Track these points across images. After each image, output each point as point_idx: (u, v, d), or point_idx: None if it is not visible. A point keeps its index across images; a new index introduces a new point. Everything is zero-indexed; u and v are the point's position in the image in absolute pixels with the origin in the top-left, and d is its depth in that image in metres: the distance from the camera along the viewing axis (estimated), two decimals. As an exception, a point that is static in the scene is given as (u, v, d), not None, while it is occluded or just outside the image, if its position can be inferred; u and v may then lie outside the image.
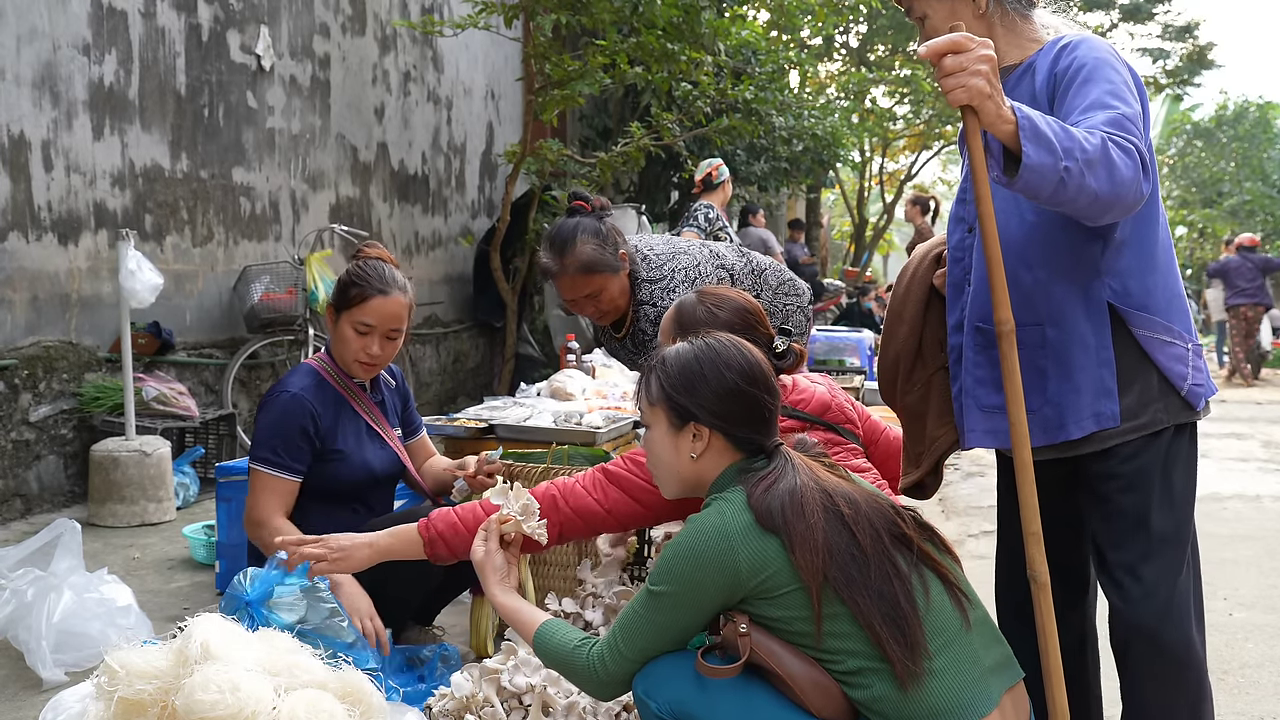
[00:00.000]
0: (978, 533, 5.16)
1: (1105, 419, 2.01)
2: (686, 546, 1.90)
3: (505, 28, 8.21)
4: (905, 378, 2.24)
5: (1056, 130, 1.76)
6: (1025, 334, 2.01)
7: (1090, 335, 2.01)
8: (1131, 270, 2.02)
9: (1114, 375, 2.01)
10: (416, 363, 7.84)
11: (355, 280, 2.97)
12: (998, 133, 1.77)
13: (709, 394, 2.02)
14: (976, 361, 2.12)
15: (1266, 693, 3.23)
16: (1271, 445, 8.20)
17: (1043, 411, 2.04)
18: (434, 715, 2.59)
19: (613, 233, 3.33)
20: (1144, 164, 1.83)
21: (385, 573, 2.86)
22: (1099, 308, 2.01)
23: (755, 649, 1.88)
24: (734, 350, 2.06)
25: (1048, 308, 2.04)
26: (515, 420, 4.01)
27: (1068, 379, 2.02)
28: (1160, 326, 2.03)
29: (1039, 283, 2.04)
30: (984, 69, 1.73)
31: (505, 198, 8.06)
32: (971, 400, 2.13)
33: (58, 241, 5.09)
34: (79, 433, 5.19)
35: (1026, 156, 1.73)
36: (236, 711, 1.91)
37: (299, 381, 2.96)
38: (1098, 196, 1.79)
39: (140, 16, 5.57)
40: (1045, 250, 2.03)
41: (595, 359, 5.47)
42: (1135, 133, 1.85)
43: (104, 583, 3.18)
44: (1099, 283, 2.01)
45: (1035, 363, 2.04)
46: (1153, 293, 2.03)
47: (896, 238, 24.61)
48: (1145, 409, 2.02)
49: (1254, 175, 24.76)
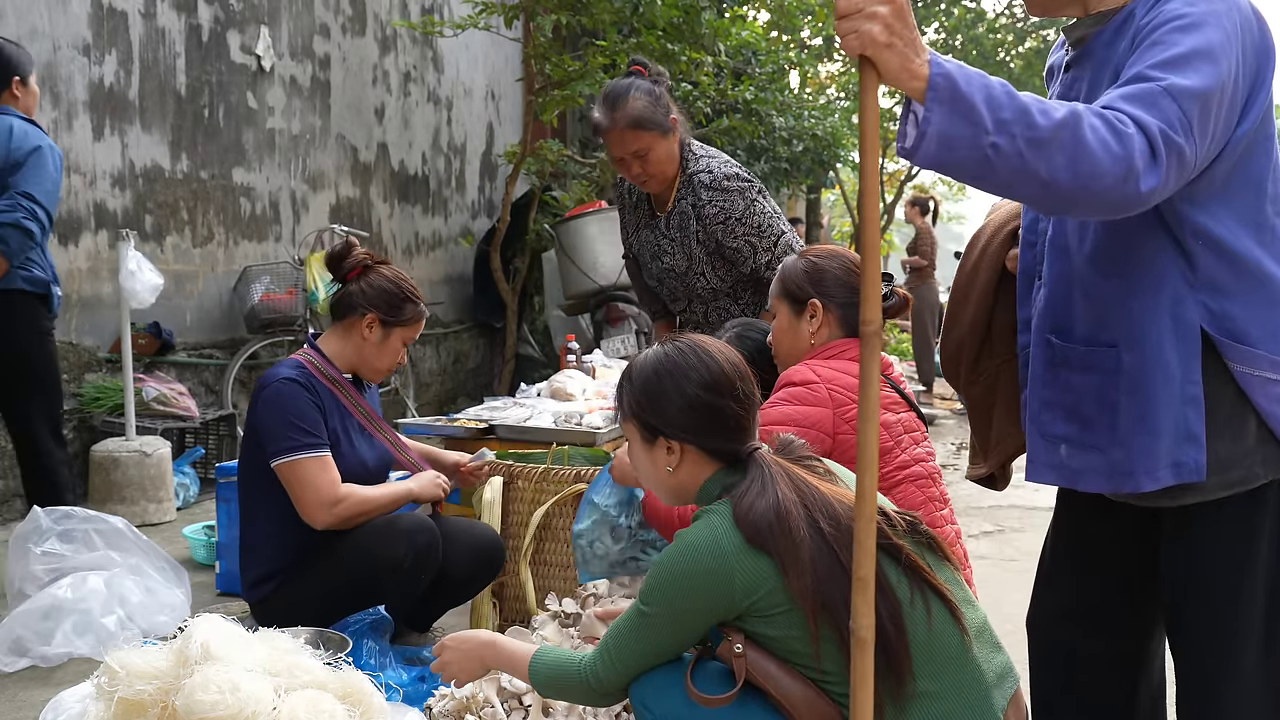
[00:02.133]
0: (978, 533, 5.16)
1: (1187, 470, 1.64)
2: (679, 568, 1.82)
3: (505, 28, 8.22)
4: (970, 366, 1.97)
5: (994, 95, 1.44)
6: (1097, 357, 1.70)
7: (1176, 365, 1.64)
8: (1234, 289, 1.64)
9: (1202, 417, 1.64)
10: (417, 363, 7.84)
11: (411, 297, 3.08)
12: (906, 90, 1.47)
13: (671, 409, 1.95)
14: (1045, 380, 1.78)
15: (1267, 693, 3.23)
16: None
17: (1111, 453, 1.69)
18: (434, 715, 2.59)
19: (666, 97, 3.42)
20: (1153, 151, 1.47)
21: (374, 579, 2.88)
22: (1189, 331, 1.64)
23: (751, 670, 1.80)
24: (697, 359, 1.96)
25: (1125, 326, 1.67)
26: (515, 420, 4.01)
27: (1144, 417, 1.65)
28: (1265, 361, 1.65)
29: (1115, 295, 1.68)
30: (882, 11, 1.43)
31: (505, 198, 8.07)
32: (1035, 427, 1.80)
33: (58, 242, 5.09)
34: (79, 433, 5.19)
35: (927, 122, 1.44)
36: (236, 712, 1.91)
37: (290, 372, 2.97)
38: (1050, 185, 1.47)
39: (140, 17, 5.57)
40: (1121, 254, 1.68)
41: (595, 359, 5.47)
42: (1166, 112, 1.48)
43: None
44: (1190, 301, 1.64)
45: (1106, 394, 1.69)
46: (1257, 318, 1.66)
47: (897, 238, 24.61)
48: (1239, 462, 1.65)
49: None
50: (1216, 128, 1.55)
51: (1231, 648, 1.68)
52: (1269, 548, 1.69)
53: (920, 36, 1.47)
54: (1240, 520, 1.68)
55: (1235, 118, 1.59)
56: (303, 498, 2.85)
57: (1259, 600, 1.68)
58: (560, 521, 3.31)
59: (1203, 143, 1.52)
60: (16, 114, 3.75)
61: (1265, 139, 1.65)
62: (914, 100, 1.47)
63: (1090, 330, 1.69)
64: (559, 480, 3.31)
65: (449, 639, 2.17)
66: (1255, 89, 1.60)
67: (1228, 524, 1.68)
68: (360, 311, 3.00)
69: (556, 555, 3.32)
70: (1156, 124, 1.47)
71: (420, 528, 2.90)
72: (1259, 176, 1.65)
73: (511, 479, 3.37)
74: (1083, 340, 1.71)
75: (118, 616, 3.17)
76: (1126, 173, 1.46)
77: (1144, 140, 1.46)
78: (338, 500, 2.86)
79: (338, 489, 2.87)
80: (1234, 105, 1.57)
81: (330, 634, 2.62)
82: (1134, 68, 1.55)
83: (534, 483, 3.34)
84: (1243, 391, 1.64)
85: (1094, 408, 1.69)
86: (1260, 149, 1.65)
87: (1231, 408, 1.65)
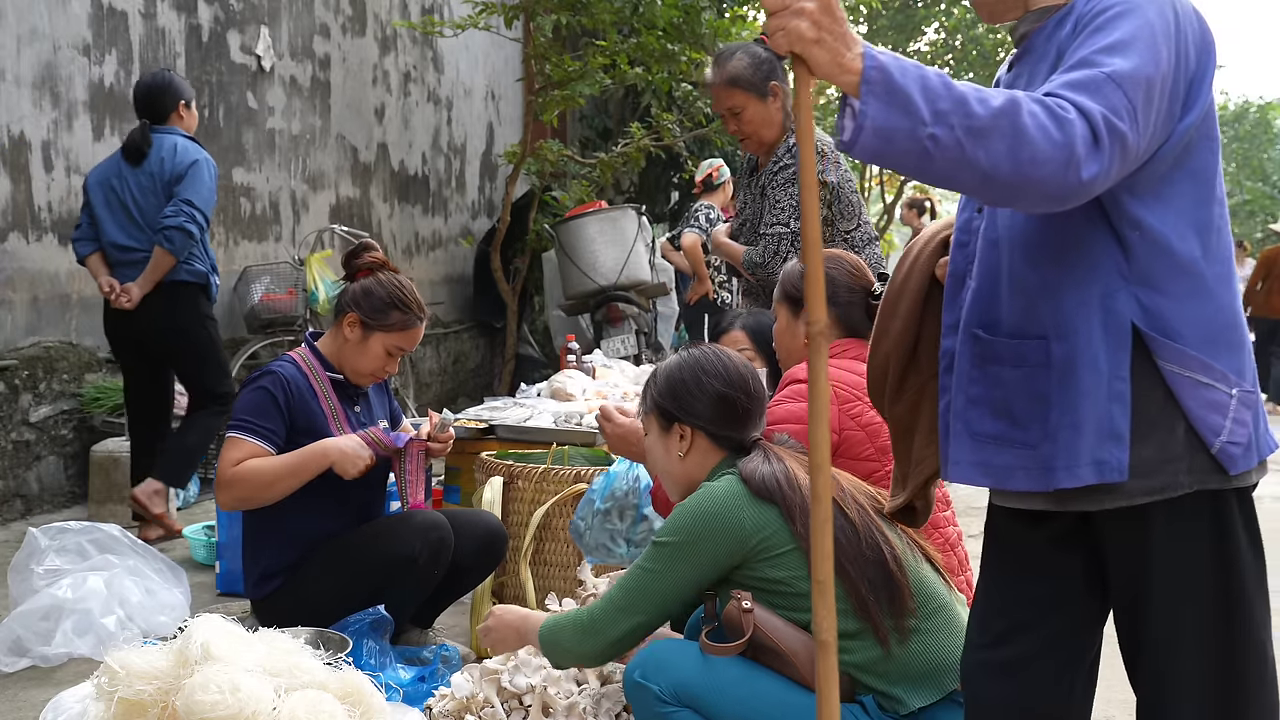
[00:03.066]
0: (977, 533, 5.14)
1: (1108, 469, 1.56)
2: (695, 504, 2.09)
3: (505, 28, 8.22)
4: (895, 384, 1.87)
5: (930, 85, 1.41)
6: (1026, 349, 1.63)
7: (1104, 359, 1.57)
8: (1170, 284, 1.58)
9: (1127, 415, 1.56)
10: (417, 363, 7.84)
11: (398, 304, 2.99)
12: (841, 84, 1.44)
13: (689, 397, 2.22)
14: (973, 377, 1.70)
15: (1267, 693, 3.23)
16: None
17: (1041, 449, 1.62)
18: (434, 716, 2.59)
19: (772, 63, 3.54)
20: (1095, 138, 1.42)
21: (385, 575, 2.88)
22: (1119, 325, 1.57)
23: (758, 626, 1.98)
24: (714, 359, 2.25)
25: (1055, 318, 1.61)
26: (515, 421, 4.01)
27: (1070, 410, 1.59)
28: (1196, 362, 1.57)
29: (1047, 285, 1.62)
30: (809, 7, 1.41)
31: (505, 198, 8.07)
32: (962, 424, 1.72)
33: (58, 242, 5.09)
34: (79, 433, 5.19)
35: (864, 116, 1.40)
36: (237, 712, 1.91)
37: (273, 366, 3.00)
38: (990, 176, 1.42)
39: (140, 17, 5.57)
40: (1055, 243, 1.61)
41: (595, 359, 5.47)
42: (1109, 98, 1.44)
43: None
44: (1122, 294, 1.58)
45: (1036, 386, 1.62)
46: (1193, 316, 1.58)
47: (897, 238, 24.59)
48: (1164, 467, 1.57)
49: (1254, 175, 24.80)
50: (1159, 117, 1.51)
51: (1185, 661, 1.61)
52: (1219, 556, 1.60)
53: (851, 29, 1.45)
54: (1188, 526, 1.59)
55: (1178, 109, 1.55)
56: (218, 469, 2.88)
57: (1213, 611, 1.60)
58: (560, 521, 3.31)
59: (1145, 130, 1.48)
60: (180, 133, 4.46)
61: (1209, 138, 1.61)
62: (850, 94, 1.44)
63: (1019, 323, 1.63)
64: (559, 480, 3.31)
65: (497, 609, 2.39)
66: (1197, 81, 1.57)
67: (1174, 529, 1.60)
68: (345, 309, 3.03)
69: (556, 555, 3.32)
70: (1099, 110, 1.43)
71: (433, 524, 2.90)
72: (1205, 174, 1.60)
73: (511, 479, 3.37)
74: (1011, 333, 1.65)
75: (118, 617, 3.17)
76: (1068, 160, 1.41)
77: (1086, 126, 1.42)
78: (228, 481, 2.81)
79: (230, 468, 2.81)
80: (1176, 95, 1.54)
81: (330, 634, 2.62)
82: (1077, 53, 1.52)
83: (534, 483, 3.34)
84: (1172, 393, 1.57)
85: (1024, 403, 1.63)
86: (1204, 146, 1.60)
87: (1159, 409, 1.57)
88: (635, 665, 2.06)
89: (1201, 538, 1.59)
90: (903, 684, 2.02)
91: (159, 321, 4.35)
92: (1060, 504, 1.64)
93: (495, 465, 3.43)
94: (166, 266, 4.30)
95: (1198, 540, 1.59)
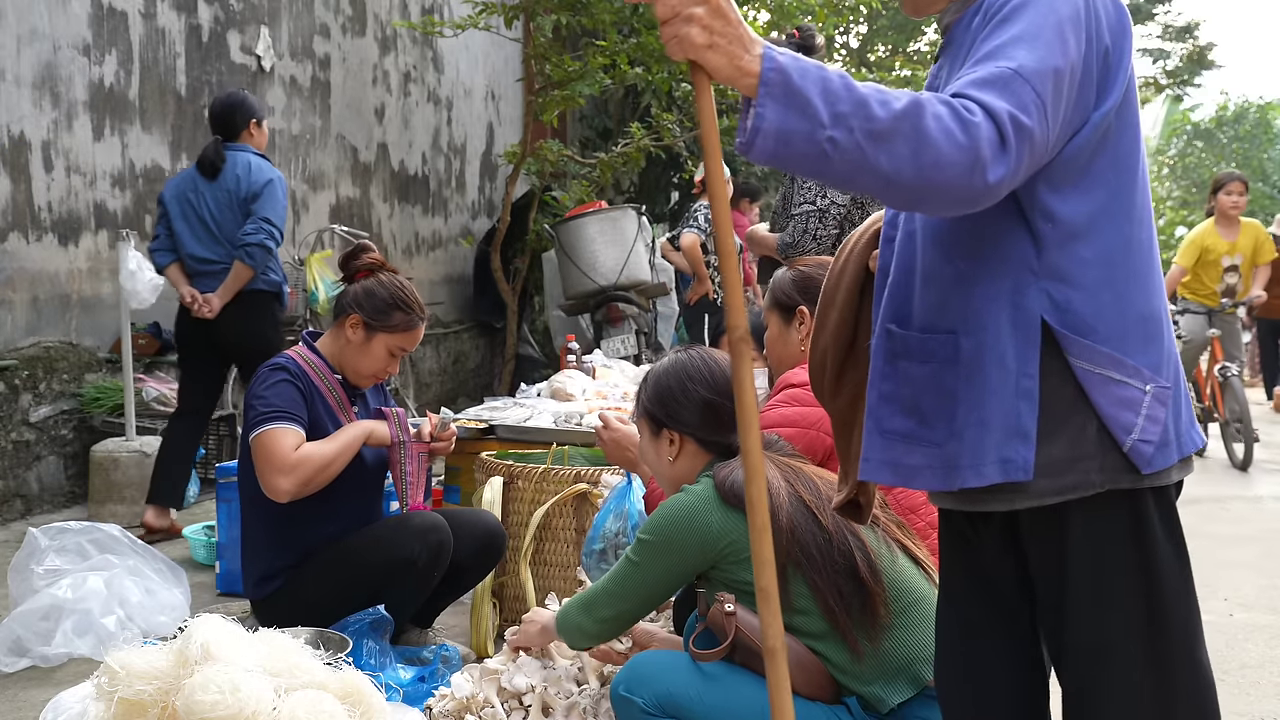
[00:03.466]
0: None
1: (1014, 468, 1.51)
2: (671, 506, 2.18)
3: (505, 28, 8.22)
4: (834, 379, 1.83)
5: (831, 87, 1.36)
6: (936, 344, 1.58)
7: (1011, 354, 1.52)
8: (1082, 278, 1.52)
9: (1035, 412, 1.51)
10: (417, 363, 7.84)
11: (401, 305, 3.01)
12: (740, 87, 1.40)
13: (675, 404, 2.30)
14: (885, 373, 1.65)
15: (1267, 693, 3.23)
16: (1272, 446, 8.20)
17: (948, 446, 1.57)
18: (434, 716, 2.59)
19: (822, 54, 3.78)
20: (1002, 140, 1.37)
21: (385, 577, 2.88)
22: (1028, 321, 1.52)
23: (740, 629, 2.04)
24: (700, 365, 2.32)
25: (964, 312, 1.56)
26: (516, 421, 4.01)
27: (977, 407, 1.54)
28: (1107, 358, 1.51)
29: (959, 278, 1.57)
30: (697, 12, 1.37)
31: (505, 198, 8.07)
32: (873, 421, 1.67)
33: (58, 242, 5.09)
34: (79, 433, 5.19)
35: (761, 118, 1.36)
36: (237, 712, 1.91)
37: (276, 359, 3.01)
38: (892, 180, 1.37)
39: (140, 17, 5.57)
40: (966, 236, 1.56)
41: (595, 359, 5.47)
42: (1018, 94, 1.39)
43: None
44: (1033, 287, 1.52)
45: (944, 382, 1.57)
46: (1105, 311, 1.52)
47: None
48: (1074, 466, 1.52)
49: (1254, 176, 24.77)
50: (1069, 108, 1.46)
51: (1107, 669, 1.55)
52: (1137, 559, 1.54)
53: (748, 31, 1.40)
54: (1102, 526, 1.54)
55: (1092, 96, 1.50)
56: (262, 470, 2.83)
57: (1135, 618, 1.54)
58: (560, 521, 3.31)
59: (1055, 123, 1.43)
60: (253, 151, 4.68)
61: (1129, 125, 1.55)
62: (750, 97, 1.39)
63: (929, 317, 1.58)
64: (559, 480, 3.31)
65: (532, 613, 2.59)
66: (1114, 65, 1.51)
67: (1089, 530, 1.55)
68: (347, 311, 3.02)
69: (556, 555, 3.32)
70: (1006, 109, 1.37)
71: (432, 526, 2.90)
72: (1126, 162, 1.54)
73: (511, 479, 3.37)
74: (922, 328, 1.60)
75: (118, 617, 3.17)
76: (973, 163, 1.36)
77: (992, 128, 1.36)
78: (293, 465, 2.80)
79: (292, 454, 2.81)
80: (1089, 83, 1.49)
81: (330, 634, 2.62)
82: (983, 45, 1.47)
83: (534, 483, 3.34)
84: (1082, 390, 1.51)
85: (932, 400, 1.58)
86: (1125, 134, 1.54)
87: (1069, 406, 1.52)
88: (620, 680, 2.10)
89: (1118, 539, 1.54)
90: (879, 682, 2.06)
91: (236, 326, 4.61)
92: (971, 504, 1.60)
93: (495, 465, 3.43)
94: (246, 279, 4.57)
95: (1114, 542, 1.54)
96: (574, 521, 3.30)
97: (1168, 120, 27.23)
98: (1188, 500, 1.94)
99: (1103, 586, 1.54)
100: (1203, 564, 2.15)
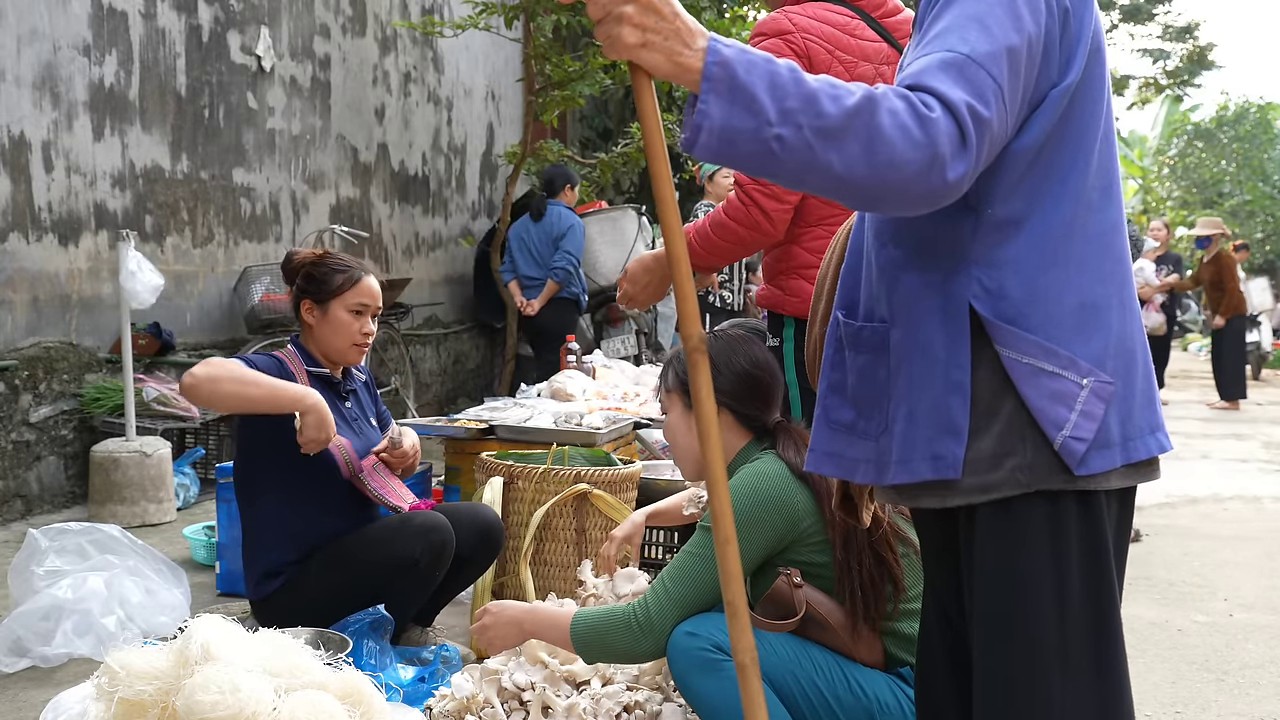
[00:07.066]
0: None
1: (945, 465, 1.43)
2: (749, 486, 2.11)
3: (505, 29, 8.22)
4: None
5: (779, 82, 1.28)
6: (868, 334, 1.52)
7: (940, 345, 1.43)
8: (1017, 264, 1.42)
9: (966, 407, 1.42)
10: (416, 363, 7.84)
11: (337, 268, 3.08)
12: (684, 84, 1.33)
13: (715, 374, 2.18)
14: (834, 362, 1.59)
15: (1267, 693, 3.23)
16: (1272, 446, 8.20)
17: (881, 440, 1.51)
18: (434, 716, 2.59)
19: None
20: (962, 135, 1.28)
21: (387, 577, 2.88)
22: (958, 309, 1.43)
23: (810, 602, 2.06)
24: (743, 341, 2.33)
25: (896, 301, 1.48)
26: (515, 421, 4.01)
27: (906, 399, 1.47)
28: (1036, 348, 1.40)
29: (893, 265, 1.49)
30: (628, 11, 1.29)
31: (506, 199, 8.07)
32: (821, 411, 1.60)
33: (58, 242, 5.09)
34: (79, 433, 5.19)
35: (704, 116, 1.28)
36: (237, 712, 1.91)
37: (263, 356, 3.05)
38: (844, 180, 1.29)
39: (140, 17, 5.57)
40: (908, 221, 1.47)
41: (595, 359, 5.47)
42: (974, 81, 1.30)
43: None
44: (964, 275, 1.43)
45: (875, 374, 1.51)
46: (1039, 298, 1.41)
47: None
48: (1001, 464, 1.42)
49: (1255, 176, 24.76)
50: (1028, 88, 1.37)
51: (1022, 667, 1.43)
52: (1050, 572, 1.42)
53: (689, 23, 1.32)
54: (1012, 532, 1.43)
55: (1054, 71, 1.40)
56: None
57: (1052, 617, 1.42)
58: (560, 522, 3.31)
59: (1013, 107, 1.35)
60: (564, 205, 7.25)
61: (1093, 99, 1.44)
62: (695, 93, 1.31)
63: (870, 306, 1.52)
64: (559, 480, 3.31)
65: (490, 605, 2.30)
66: (1077, 36, 1.41)
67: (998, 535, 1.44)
68: (297, 302, 3.09)
69: (556, 555, 3.32)
70: (964, 99, 1.28)
71: (434, 526, 2.90)
72: (1083, 141, 1.43)
73: (511, 479, 3.37)
74: (864, 317, 1.54)
75: (118, 617, 3.17)
76: (930, 161, 1.27)
77: (951, 123, 1.28)
78: (214, 362, 2.82)
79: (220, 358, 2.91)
80: (1050, 56, 1.39)
81: (330, 634, 2.62)
82: (933, 27, 1.38)
83: (534, 483, 3.34)
84: (1009, 380, 1.41)
85: (867, 391, 1.52)
86: (1087, 110, 1.44)
87: (997, 399, 1.42)
88: (683, 624, 2.08)
89: (1033, 548, 1.42)
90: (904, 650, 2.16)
91: (546, 320, 7.15)
92: (907, 500, 1.53)
93: (495, 465, 3.43)
94: (554, 291, 7.14)
95: (1029, 550, 1.42)
96: (574, 522, 3.30)
97: (1168, 120, 27.23)
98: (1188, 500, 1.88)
99: (1005, 603, 1.43)
100: (1203, 564, 2.16)
